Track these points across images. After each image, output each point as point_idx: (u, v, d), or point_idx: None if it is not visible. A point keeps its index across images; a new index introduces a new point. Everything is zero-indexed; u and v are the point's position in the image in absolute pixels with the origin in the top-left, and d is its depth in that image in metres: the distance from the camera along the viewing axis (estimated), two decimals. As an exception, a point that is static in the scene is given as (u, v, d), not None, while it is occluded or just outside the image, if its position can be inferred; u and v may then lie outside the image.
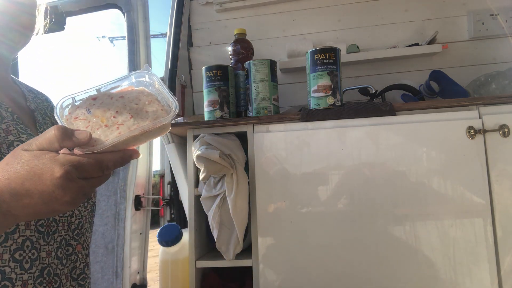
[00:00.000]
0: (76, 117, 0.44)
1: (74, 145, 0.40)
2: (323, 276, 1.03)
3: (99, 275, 1.43)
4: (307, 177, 1.07)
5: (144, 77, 0.49)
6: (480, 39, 1.48)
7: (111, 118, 0.43)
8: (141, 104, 0.46)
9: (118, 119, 0.43)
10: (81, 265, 0.60)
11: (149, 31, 1.64)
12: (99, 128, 0.43)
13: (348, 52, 1.50)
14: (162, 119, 0.44)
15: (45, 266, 0.52)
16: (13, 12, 0.54)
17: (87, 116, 0.44)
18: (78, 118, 0.44)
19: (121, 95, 0.46)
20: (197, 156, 1.08)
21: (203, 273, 1.22)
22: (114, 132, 0.42)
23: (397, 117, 1.05)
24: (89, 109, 0.44)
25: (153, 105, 0.46)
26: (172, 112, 0.45)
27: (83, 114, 0.44)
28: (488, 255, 0.96)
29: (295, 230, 1.06)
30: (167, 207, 1.56)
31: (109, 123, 0.43)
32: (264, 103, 1.18)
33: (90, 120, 0.44)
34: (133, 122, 0.43)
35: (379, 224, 1.02)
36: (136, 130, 0.42)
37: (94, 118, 0.44)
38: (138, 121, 0.43)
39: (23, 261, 0.49)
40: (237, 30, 1.43)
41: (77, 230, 0.60)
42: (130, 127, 0.43)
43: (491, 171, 0.98)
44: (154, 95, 0.47)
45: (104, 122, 0.43)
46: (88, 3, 1.59)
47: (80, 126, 0.43)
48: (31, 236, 0.50)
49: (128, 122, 0.43)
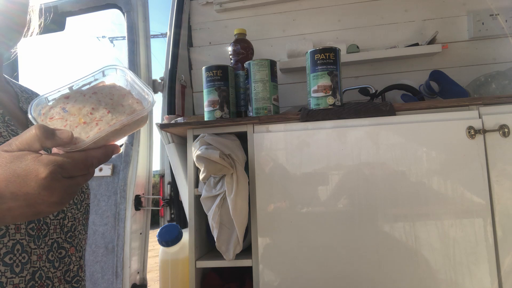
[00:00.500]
0: (51, 117, 0.43)
1: (56, 145, 0.39)
2: (323, 276, 1.03)
3: (99, 275, 1.43)
4: (307, 177, 1.07)
5: (115, 71, 0.48)
6: (480, 39, 1.48)
7: (88, 115, 0.43)
8: (116, 98, 0.45)
9: (96, 115, 0.43)
10: (75, 268, 0.59)
11: (149, 31, 1.64)
12: (78, 126, 0.42)
13: (348, 52, 1.50)
14: (140, 112, 0.44)
15: (36, 270, 0.51)
16: (13, 12, 0.54)
17: (64, 115, 0.43)
18: (54, 118, 0.43)
19: (93, 91, 0.46)
20: (197, 156, 1.08)
21: (203, 273, 1.23)
22: (93, 129, 0.42)
23: (397, 117, 1.05)
24: (64, 107, 0.44)
25: (127, 98, 0.46)
26: (149, 104, 0.45)
27: (58, 114, 0.43)
28: (488, 255, 0.96)
29: (295, 230, 1.06)
30: (167, 207, 1.56)
31: (87, 120, 0.42)
32: (264, 103, 1.18)
33: (67, 118, 0.43)
34: (111, 117, 0.43)
35: (379, 224, 1.02)
36: (116, 125, 0.42)
37: (71, 117, 0.43)
38: (116, 116, 0.43)
39: (13, 265, 0.48)
40: (237, 30, 1.43)
41: (70, 232, 0.59)
42: (109, 122, 0.42)
43: (491, 171, 0.98)
44: (126, 88, 0.47)
45: (82, 119, 0.43)
46: (88, 3, 1.59)
47: (57, 125, 0.42)
48: (21, 240, 0.50)
49: (106, 117, 0.43)
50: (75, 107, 0.43)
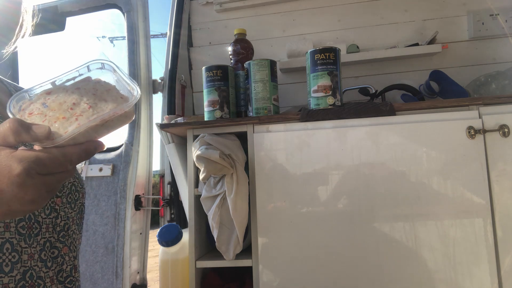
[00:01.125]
0: (30, 112, 0.42)
1: (32, 140, 0.38)
2: (323, 276, 1.03)
3: (99, 275, 1.43)
4: (307, 177, 1.07)
5: (101, 65, 0.47)
6: (480, 39, 1.48)
7: (69, 110, 0.42)
8: (99, 94, 0.44)
9: (76, 110, 0.42)
10: (68, 268, 0.59)
11: (149, 31, 1.64)
12: (57, 121, 0.41)
13: (348, 52, 1.50)
14: (122, 106, 0.42)
15: (27, 269, 0.51)
16: (13, 11, 0.54)
17: (43, 110, 0.42)
18: (33, 114, 0.42)
19: (76, 86, 0.44)
20: (197, 156, 1.08)
21: (203, 273, 1.23)
22: (73, 124, 0.40)
23: (397, 117, 1.05)
24: (45, 103, 0.42)
25: (112, 93, 0.44)
26: (132, 98, 0.43)
27: (38, 109, 0.42)
28: (488, 255, 0.96)
29: (295, 230, 1.06)
30: (167, 207, 1.56)
31: (66, 115, 0.41)
32: (264, 103, 1.18)
33: (47, 114, 0.41)
34: (92, 112, 0.41)
35: (379, 224, 1.02)
36: (96, 120, 0.41)
37: (51, 112, 0.41)
38: (97, 111, 0.42)
39: (3, 264, 0.48)
40: (237, 30, 1.43)
41: (63, 232, 0.58)
42: (90, 117, 0.41)
43: (491, 171, 0.98)
44: (111, 84, 0.46)
45: (62, 115, 0.41)
46: (88, 3, 1.59)
47: (36, 121, 0.41)
48: (11, 238, 0.49)
49: (87, 113, 0.41)
50: (55, 102, 0.42)
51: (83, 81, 0.45)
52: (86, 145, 0.41)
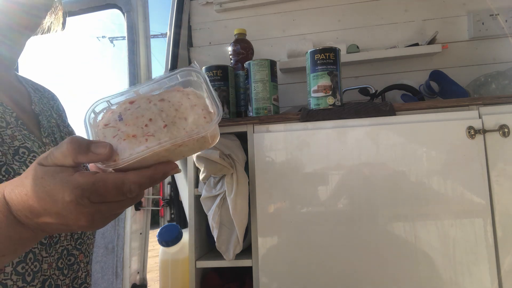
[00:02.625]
0: (106, 123, 0.38)
1: (90, 161, 0.35)
2: (323, 276, 1.03)
3: (99, 275, 1.43)
4: (307, 177, 1.07)
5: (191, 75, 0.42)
6: (480, 39, 1.48)
7: (143, 127, 0.37)
8: (182, 110, 0.39)
9: (150, 129, 0.37)
10: (82, 275, 0.59)
11: (149, 31, 1.64)
12: (126, 139, 0.36)
13: (348, 52, 1.50)
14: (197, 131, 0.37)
15: (46, 278, 0.51)
16: (13, 12, 0.54)
17: (117, 123, 0.38)
18: (108, 125, 0.38)
19: (161, 98, 0.40)
20: (197, 156, 1.08)
21: (203, 273, 1.22)
22: (141, 145, 0.36)
23: (397, 117, 1.05)
24: (122, 115, 0.38)
25: (196, 110, 0.39)
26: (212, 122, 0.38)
27: (114, 121, 0.38)
28: (488, 255, 0.96)
29: (295, 230, 1.06)
30: (167, 207, 1.56)
31: (138, 133, 0.37)
32: (264, 103, 1.18)
33: (120, 128, 0.37)
34: (165, 133, 0.37)
35: (379, 224, 1.02)
36: (166, 143, 0.36)
37: (124, 127, 0.37)
38: (172, 132, 0.37)
39: (25, 274, 0.48)
40: (237, 30, 1.43)
41: (80, 239, 0.59)
42: (161, 138, 0.36)
43: (491, 171, 0.98)
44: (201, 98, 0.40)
45: (134, 131, 0.37)
46: (88, 3, 1.59)
47: (108, 134, 0.37)
48: (34, 248, 0.49)
49: (160, 133, 0.37)
50: (133, 116, 0.38)
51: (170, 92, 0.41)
52: (152, 170, 0.37)
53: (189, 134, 0.37)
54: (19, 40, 0.57)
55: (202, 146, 0.40)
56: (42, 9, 0.58)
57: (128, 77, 1.56)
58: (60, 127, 0.64)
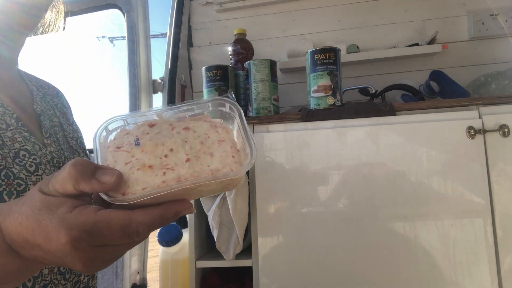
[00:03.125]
0: (119, 146, 0.33)
1: (93, 190, 0.30)
2: (323, 276, 1.03)
3: (99, 275, 1.43)
4: (307, 177, 1.07)
5: (224, 106, 0.37)
6: (480, 39, 1.48)
7: (162, 157, 0.32)
8: (209, 143, 0.34)
9: (170, 160, 0.32)
10: (85, 279, 0.58)
11: (149, 31, 1.64)
12: (140, 169, 0.31)
13: (348, 52, 1.50)
14: (225, 172, 0.32)
15: (47, 283, 0.50)
16: (13, 11, 0.54)
17: (133, 148, 0.33)
18: (121, 148, 0.33)
19: (186, 126, 0.35)
20: (197, 156, 1.08)
21: (203, 273, 1.22)
22: (156, 179, 0.31)
23: (397, 117, 1.05)
24: (139, 139, 0.33)
25: (225, 146, 0.34)
26: (244, 165, 0.33)
27: (129, 145, 0.33)
28: (488, 255, 0.96)
29: (295, 230, 1.06)
30: (167, 207, 1.56)
31: (155, 163, 0.32)
32: (264, 103, 1.18)
33: (134, 154, 0.32)
34: (187, 169, 0.32)
35: (379, 224, 1.02)
36: (187, 183, 0.31)
37: (140, 153, 0.32)
38: (194, 168, 0.32)
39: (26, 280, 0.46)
40: (237, 30, 1.43)
41: None
42: (181, 174, 0.31)
43: (491, 171, 0.98)
44: (230, 133, 0.35)
45: (150, 161, 0.32)
46: (88, 3, 1.59)
47: (120, 160, 0.32)
48: None
49: (181, 168, 0.32)
50: (152, 142, 0.33)
51: (197, 121, 0.36)
52: (164, 209, 0.31)
53: (215, 176, 0.32)
54: (19, 40, 0.57)
55: (225, 189, 0.36)
56: (43, 9, 0.58)
57: (128, 77, 1.56)
58: (63, 126, 0.63)
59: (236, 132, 0.36)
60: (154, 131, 0.34)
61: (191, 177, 0.31)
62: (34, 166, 0.50)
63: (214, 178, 0.32)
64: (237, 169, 0.33)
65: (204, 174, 0.32)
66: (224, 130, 0.36)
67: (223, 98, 0.37)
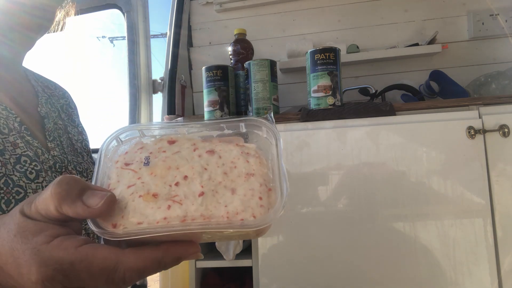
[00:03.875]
0: (128, 162, 0.28)
1: (76, 215, 0.25)
2: (323, 276, 1.03)
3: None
4: (307, 177, 1.07)
5: (261, 129, 0.31)
6: (480, 39, 1.48)
7: (171, 185, 0.27)
8: (233, 176, 0.28)
9: (180, 191, 0.26)
10: None
11: (149, 31, 1.64)
12: (143, 196, 0.26)
13: (348, 52, 1.50)
14: (244, 222, 0.25)
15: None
16: (13, 11, 0.53)
17: (141, 168, 0.28)
18: (129, 166, 0.28)
19: (211, 148, 0.29)
20: (197, 156, 1.08)
21: (203, 273, 1.22)
22: (158, 213, 0.25)
23: (397, 117, 1.05)
24: (152, 157, 0.28)
25: (252, 184, 0.27)
26: (271, 212, 0.26)
27: (138, 163, 0.28)
28: (488, 255, 0.96)
29: (295, 230, 1.06)
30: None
31: (162, 191, 0.26)
32: (264, 103, 1.18)
33: (141, 176, 0.27)
34: (198, 205, 0.25)
35: (379, 224, 1.02)
36: (191, 225, 0.25)
37: (148, 176, 0.27)
38: (207, 207, 0.26)
39: None
40: (237, 30, 1.43)
41: None
42: (188, 213, 0.25)
43: (491, 171, 0.98)
44: (263, 166, 0.29)
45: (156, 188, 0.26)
46: (88, 3, 1.59)
47: (123, 180, 0.27)
48: None
49: (190, 204, 0.26)
50: (164, 164, 0.28)
51: (226, 144, 0.30)
52: (163, 252, 0.25)
53: (230, 222, 0.25)
54: (20, 41, 0.56)
55: (241, 237, 0.29)
56: (48, 10, 0.57)
57: (128, 77, 1.56)
58: (68, 128, 0.63)
59: (271, 163, 0.30)
60: (173, 150, 0.29)
61: (200, 218, 0.25)
62: (35, 173, 0.50)
63: (228, 226, 0.25)
64: (261, 215, 0.26)
65: (217, 216, 0.25)
66: (257, 161, 0.29)
67: (260, 118, 0.31)
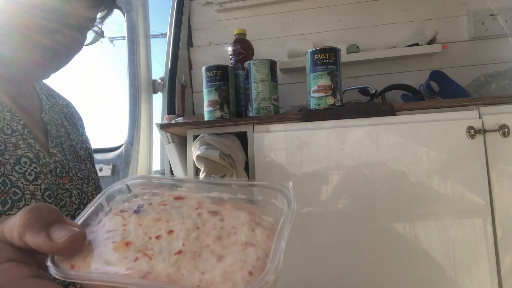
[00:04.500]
0: (124, 210, 0.28)
1: (37, 246, 0.23)
2: (323, 276, 1.03)
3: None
4: (307, 177, 1.07)
5: (277, 198, 0.28)
6: (480, 39, 1.48)
7: (152, 237, 0.25)
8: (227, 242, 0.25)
9: (157, 245, 0.24)
10: None
11: (149, 31, 1.64)
12: (116, 243, 0.24)
13: (348, 52, 1.50)
14: None
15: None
16: (13, 11, 0.53)
17: (131, 216, 0.27)
18: (122, 213, 0.27)
19: (216, 210, 0.27)
20: (197, 156, 1.08)
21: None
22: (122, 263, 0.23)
23: (397, 117, 1.05)
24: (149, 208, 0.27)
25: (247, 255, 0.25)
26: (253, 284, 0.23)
27: (131, 211, 0.28)
28: (488, 255, 0.96)
29: (295, 230, 1.06)
30: (167, 207, 1.56)
31: (137, 242, 0.24)
32: (264, 103, 1.18)
33: (127, 224, 0.26)
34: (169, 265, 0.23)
35: (379, 224, 1.02)
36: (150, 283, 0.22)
37: (133, 225, 0.26)
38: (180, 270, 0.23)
39: None
40: (237, 30, 1.43)
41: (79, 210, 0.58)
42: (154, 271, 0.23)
43: (491, 171, 0.98)
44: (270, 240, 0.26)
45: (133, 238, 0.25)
46: (88, 3, 1.59)
47: (109, 225, 0.26)
48: None
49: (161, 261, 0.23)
50: (156, 215, 0.27)
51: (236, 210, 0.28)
52: None
53: None
54: (22, 42, 0.56)
55: None
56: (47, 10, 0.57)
57: (128, 77, 1.56)
58: (71, 135, 0.64)
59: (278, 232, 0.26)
60: (174, 205, 0.28)
61: (164, 278, 0.22)
62: (34, 175, 0.50)
63: None
64: None
65: (187, 281, 0.22)
66: (264, 235, 0.26)
67: (279, 186, 0.28)
